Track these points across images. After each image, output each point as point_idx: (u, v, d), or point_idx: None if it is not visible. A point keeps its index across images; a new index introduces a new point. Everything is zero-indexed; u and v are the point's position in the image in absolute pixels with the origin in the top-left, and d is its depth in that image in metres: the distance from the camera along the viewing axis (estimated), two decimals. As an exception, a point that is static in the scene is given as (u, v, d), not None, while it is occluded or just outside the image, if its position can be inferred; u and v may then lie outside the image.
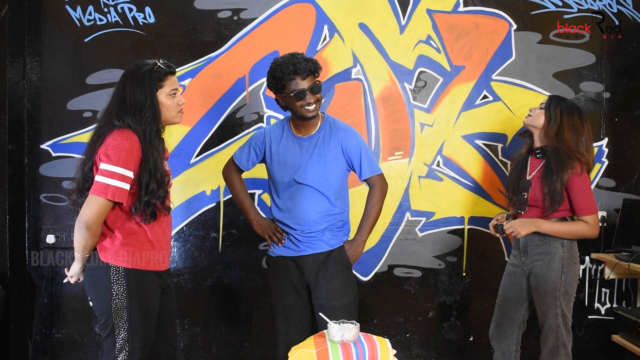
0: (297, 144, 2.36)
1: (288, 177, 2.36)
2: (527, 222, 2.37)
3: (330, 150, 2.34)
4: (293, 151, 2.36)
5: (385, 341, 1.97)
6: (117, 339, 1.94)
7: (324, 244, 2.36)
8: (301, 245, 2.36)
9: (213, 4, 3.05)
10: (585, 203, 2.34)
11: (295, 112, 2.29)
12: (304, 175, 2.33)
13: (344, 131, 2.38)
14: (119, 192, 1.87)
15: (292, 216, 2.35)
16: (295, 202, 2.35)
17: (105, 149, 1.88)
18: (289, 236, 2.38)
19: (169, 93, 2.00)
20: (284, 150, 2.37)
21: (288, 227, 2.37)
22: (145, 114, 1.93)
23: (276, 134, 2.41)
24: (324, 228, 2.35)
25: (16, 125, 3.05)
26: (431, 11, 3.05)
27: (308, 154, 2.34)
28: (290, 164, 2.35)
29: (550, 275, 2.35)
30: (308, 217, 2.33)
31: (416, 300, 3.11)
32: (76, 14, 3.06)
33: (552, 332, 2.36)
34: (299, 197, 2.34)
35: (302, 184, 2.33)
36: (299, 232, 2.35)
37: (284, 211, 2.38)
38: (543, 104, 2.45)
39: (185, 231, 3.10)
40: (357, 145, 2.37)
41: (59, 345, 3.14)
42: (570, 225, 2.36)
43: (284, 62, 2.22)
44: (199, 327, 3.14)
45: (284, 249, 2.40)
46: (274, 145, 2.39)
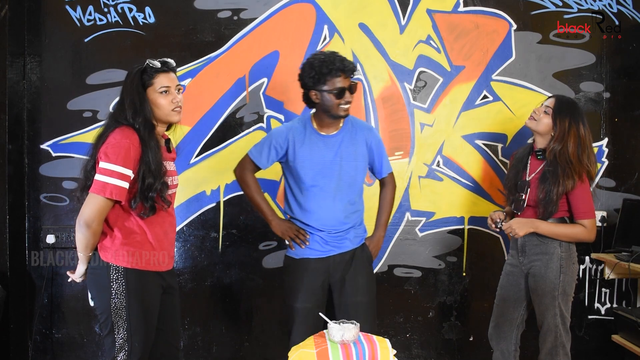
0: (322, 142, 2.34)
1: (313, 176, 2.33)
2: (525, 222, 2.37)
3: (357, 148, 2.35)
4: (318, 149, 2.33)
5: (385, 341, 1.97)
6: (116, 338, 1.95)
7: (349, 243, 2.36)
8: (327, 245, 2.34)
9: (213, 4, 3.05)
10: (584, 207, 2.33)
11: (329, 110, 2.27)
12: (331, 173, 2.31)
13: (367, 129, 2.42)
14: (117, 190, 1.87)
15: (317, 217, 2.33)
16: (321, 202, 2.33)
17: (105, 147, 1.90)
18: (313, 237, 2.35)
19: (159, 91, 1.99)
20: (309, 148, 2.34)
21: (312, 228, 2.35)
22: (128, 111, 1.95)
23: (299, 132, 2.36)
24: (349, 227, 2.36)
25: (16, 125, 3.05)
26: (431, 11, 3.05)
27: (334, 152, 2.32)
28: (316, 163, 2.33)
29: (549, 275, 2.35)
30: (335, 217, 2.33)
31: (416, 300, 3.11)
32: (76, 14, 3.06)
33: (550, 332, 2.36)
34: (325, 196, 2.33)
35: (329, 182, 2.32)
36: (325, 233, 2.34)
37: (307, 211, 2.35)
38: (547, 106, 2.37)
39: (185, 231, 3.10)
40: (380, 143, 2.44)
41: (59, 345, 3.14)
42: (568, 228, 2.36)
43: (328, 58, 2.21)
44: (199, 327, 3.14)
45: (309, 250, 2.36)
46: (298, 144, 2.34)
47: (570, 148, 2.31)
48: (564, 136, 2.32)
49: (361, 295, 2.34)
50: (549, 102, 2.40)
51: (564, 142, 2.32)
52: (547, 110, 2.37)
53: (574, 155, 2.30)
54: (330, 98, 2.23)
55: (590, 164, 2.33)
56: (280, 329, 3.13)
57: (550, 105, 2.37)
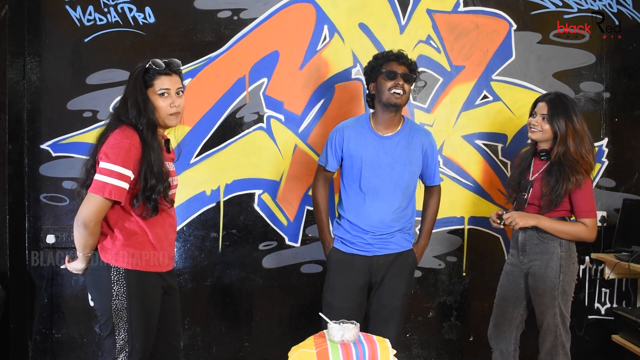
0: (379, 142, 2.35)
1: (364, 175, 2.34)
2: (528, 215, 2.37)
3: (414, 152, 2.36)
4: (373, 149, 2.34)
5: (385, 341, 1.97)
6: (117, 340, 1.94)
7: (395, 245, 2.37)
8: (372, 247, 2.35)
9: (213, 4, 3.05)
10: (585, 206, 2.34)
11: (382, 97, 2.32)
12: (383, 175, 2.32)
13: (425, 134, 2.43)
14: (116, 190, 1.87)
15: (364, 217, 2.34)
16: (370, 203, 2.34)
17: (105, 147, 1.90)
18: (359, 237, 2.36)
19: (158, 93, 1.98)
20: (364, 146, 2.35)
21: (358, 228, 2.36)
22: (131, 110, 1.94)
23: (355, 130, 2.40)
24: (396, 230, 2.36)
25: (16, 125, 3.04)
26: (431, 11, 3.05)
27: (389, 153, 2.33)
28: (369, 162, 2.33)
29: (549, 275, 2.35)
30: (382, 220, 2.33)
31: (416, 300, 3.11)
32: (76, 14, 3.05)
33: (550, 332, 2.36)
34: (375, 198, 2.34)
35: (380, 184, 2.32)
36: (370, 235, 2.35)
37: (355, 210, 2.36)
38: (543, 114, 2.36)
39: (185, 231, 3.10)
40: (435, 150, 2.44)
41: (59, 345, 3.14)
42: (569, 226, 2.36)
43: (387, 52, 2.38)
44: (199, 327, 3.14)
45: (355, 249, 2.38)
46: (352, 142, 2.38)
47: (571, 147, 2.32)
48: (564, 137, 2.33)
49: (398, 299, 2.36)
50: (542, 109, 2.39)
51: (565, 143, 2.33)
52: (545, 118, 2.38)
53: (576, 153, 2.32)
54: (383, 82, 2.30)
55: (589, 152, 2.34)
56: (281, 329, 3.14)
57: (545, 112, 2.37)
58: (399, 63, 2.32)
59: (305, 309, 3.10)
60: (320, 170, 2.53)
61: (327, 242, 2.48)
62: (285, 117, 3.07)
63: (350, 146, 2.37)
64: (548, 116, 2.36)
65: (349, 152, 2.38)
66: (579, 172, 2.31)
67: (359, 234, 2.37)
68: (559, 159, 2.34)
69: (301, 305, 3.11)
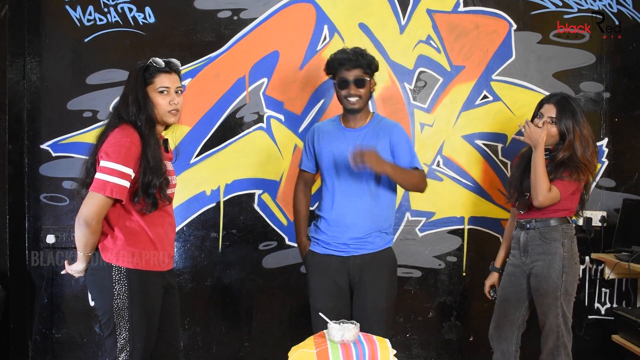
0: (344, 135, 2.35)
1: (332, 170, 2.34)
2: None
3: (378, 143, 2.32)
4: (340, 143, 2.35)
5: (385, 341, 1.97)
6: (118, 339, 1.94)
7: (371, 245, 2.34)
8: (348, 247, 2.34)
9: (213, 4, 3.05)
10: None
11: (340, 102, 2.35)
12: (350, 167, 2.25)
13: (393, 126, 2.40)
14: (117, 189, 1.87)
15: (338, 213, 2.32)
16: (342, 197, 2.33)
17: (106, 146, 1.90)
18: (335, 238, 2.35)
19: (158, 90, 1.99)
20: (331, 142, 2.37)
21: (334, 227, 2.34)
22: (131, 107, 1.95)
23: (325, 127, 2.44)
24: (373, 229, 2.33)
25: (16, 125, 3.04)
26: (431, 11, 3.05)
27: (353, 145, 2.27)
28: (338, 156, 2.33)
29: (551, 276, 2.34)
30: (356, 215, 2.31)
31: (416, 300, 3.11)
32: (76, 14, 3.05)
33: (552, 333, 2.35)
34: (348, 191, 2.32)
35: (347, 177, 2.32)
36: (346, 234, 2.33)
37: (329, 207, 2.36)
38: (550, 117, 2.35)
39: (185, 231, 3.10)
40: (405, 140, 2.38)
41: (59, 345, 3.14)
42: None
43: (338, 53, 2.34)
44: (199, 327, 3.14)
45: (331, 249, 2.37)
46: (321, 138, 2.40)
47: (579, 152, 2.32)
48: (572, 142, 2.32)
49: (382, 301, 2.33)
50: (549, 110, 2.37)
51: (572, 147, 2.33)
52: (553, 121, 2.36)
53: (583, 157, 2.32)
54: (337, 90, 2.32)
55: (593, 156, 2.35)
56: (281, 329, 3.14)
57: (553, 114, 2.35)
58: (348, 68, 2.28)
59: (305, 309, 3.07)
60: (300, 172, 2.55)
61: (302, 245, 2.49)
62: (285, 117, 3.07)
63: (321, 143, 2.41)
64: (557, 119, 2.35)
65: (320, 149, 2.41)
66: (584, 173, 2.32)
67: (335, 234, 2.35)
68: (564, 162, 2.34)
69: (301, 305, 3.10)
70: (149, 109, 1.96)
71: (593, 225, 3.01)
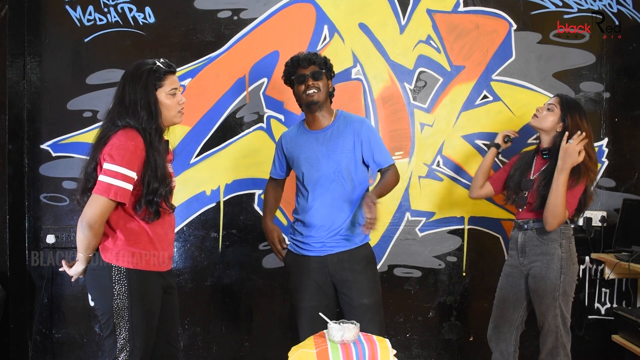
0: (312, 138, 2.38)
1: (305, 173, 2.36)
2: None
3: (346, 140, 2.34)
4: (308, 145, 2.37)
5: (385, 341, 1.97)
6: (118, 339, 1.94)
7: (347, 242, 2.34)
8: (324, 246, 2.34)
9: (213, 4, 3.05)
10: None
11: (300, 100, 2.38)
12: (322, 166, 2.32)
13: (359, 122, 2.40)
14: (121, 192, 1.87)
15: (312, 214, 2.34)
16: (315, 200, 2.34)
17: (109, 149, 1.89)
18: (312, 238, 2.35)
19: (169, 92, 2.00)
20: (300, 146, 2.40)
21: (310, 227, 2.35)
22: (141, 113, 1.93)
23: (292, 133, 2.48)
24: (346, 225, 2.34)
25: (16, 125, 3.05)
26: (431, 11, 3.05)
27: (324, 145, 2.34)
28: (307, 158, 2.36)
29: (550, 276, 2.35)
30: (330, 215, 2.32)
31: (416, 300, 3.11)
32: (76, 14, 3.06)
33: (551, 333, 2.36)
34: (320, 191, 2.34)
35: (319, 178, 2.33)
36: (321, 233, 2.33)
37: (304, 209, 2.37)
38: (550, 104, 2.41)
39: (185, 231, 3.10)
40: (372, 134, 2.39)
41: (59, 345, 3.14)
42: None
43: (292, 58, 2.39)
44: (199, 327, 3.14)
45: (306, 249, 2.38)
46: (291, 144, 2.44)
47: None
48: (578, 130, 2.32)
49: (366, 297, 2.33)
50: (552, 100, 2.43)
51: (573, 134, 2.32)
52: (551, 108, 2.38)
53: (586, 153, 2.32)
54: (297, 87, 2.37)
55: (591, 158, 2.35)
56: (281, 329, 3.14)
57: (555, 103, 2.39)
58: (304, 66, 2.35)
59: (305, 309, 3.10)
60: (270, 179, 2.61)
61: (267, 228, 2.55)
62: (285, 117, 3.07)
63: (290, 148, 2.45)
64: (561, 106, 2.37)
65: (290, 154, 2.45)
66: (584, 173, 2.31)
67: (311, 234, 2.36)
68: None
69: (301, 305, 3.11)
70: (159, 116, 1.96)
71: (593, 225, 3.01)
